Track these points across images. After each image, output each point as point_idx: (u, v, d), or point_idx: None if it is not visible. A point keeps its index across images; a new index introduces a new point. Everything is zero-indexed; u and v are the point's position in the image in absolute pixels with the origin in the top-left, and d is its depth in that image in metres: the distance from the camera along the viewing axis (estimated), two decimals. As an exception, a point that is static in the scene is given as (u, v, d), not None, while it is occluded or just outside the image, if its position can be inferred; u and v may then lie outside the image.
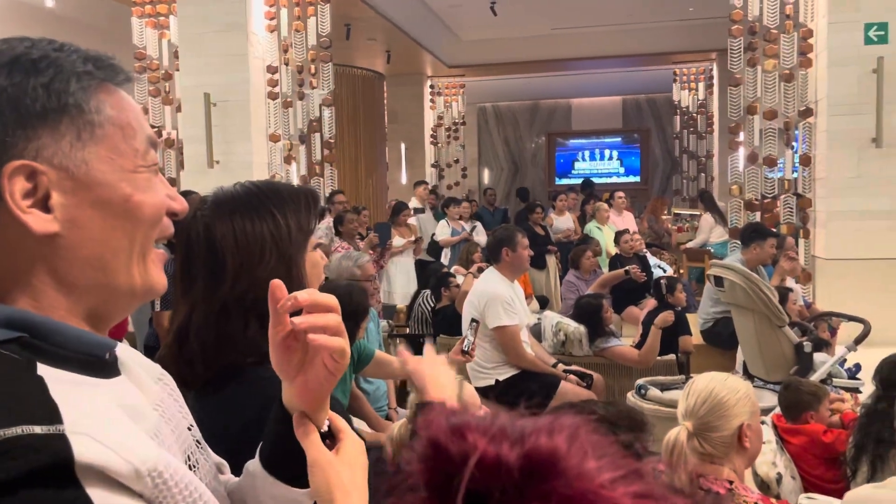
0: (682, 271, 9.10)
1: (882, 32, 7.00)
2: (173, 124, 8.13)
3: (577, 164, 18.05)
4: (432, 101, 14.50)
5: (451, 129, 14.60)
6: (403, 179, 13.50)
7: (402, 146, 13.74)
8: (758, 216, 7.43)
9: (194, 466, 0.78)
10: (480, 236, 8.07)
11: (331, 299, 0.78)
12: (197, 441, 0.84)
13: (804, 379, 3.39)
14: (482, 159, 17.97)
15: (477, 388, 3.33)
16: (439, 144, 14.39)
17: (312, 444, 0.80)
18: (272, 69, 7.82)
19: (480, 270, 5.04)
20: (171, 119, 8.14)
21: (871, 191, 7.08)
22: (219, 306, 1.13)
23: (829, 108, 7.21)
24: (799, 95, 7.46)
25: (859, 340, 3.97)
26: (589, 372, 4.25)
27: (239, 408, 1.09)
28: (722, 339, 5.23)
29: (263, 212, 1.15)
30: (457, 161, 14.64)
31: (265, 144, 7.83)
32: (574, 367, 4.29)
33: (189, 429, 0.82)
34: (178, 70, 7.81)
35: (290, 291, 0.75)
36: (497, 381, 4.08)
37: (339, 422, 0.85)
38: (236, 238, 1.13)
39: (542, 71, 14.41)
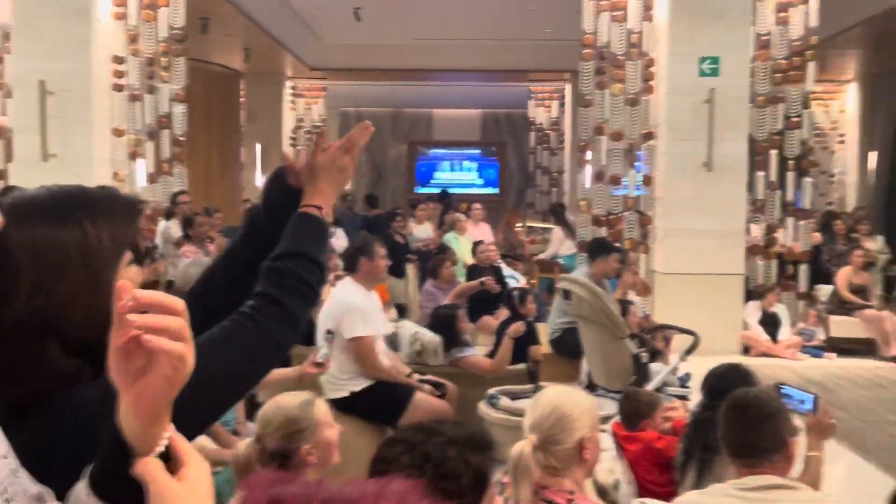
0: (533, 282, 9.45)
1: (714, 66, 7.64)
2: (2, 111, 7.42)
3: (437, 174, 18.32)
4: (292, 102, 14.20)
5: (311, 131, 14.36)
6: (259, 180, 13.09)
7: (258, 147, 13.34)
8: (603, 231, 7.86)
9: (10, 500, 0.71)
10: (340, 241, 7.98)
11: (177, 302, 0.71)
12: (13, 470, 0.76)
13: (641, 389, 3.61)
14: (343, 164, 17.80)
15: (332, 400, 3.27)
16: (298, 147, 14.11)
17: (152, 470, 0.73)
18: (118, 59, 7.34)
19: (338, 279, 4.97)
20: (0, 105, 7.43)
21: (704, 211, 7.69)
22: (9, 326, 0.98)
23: (668, 132, 7.77)
24: (642, 119, 7.97)
25: (689, 351, 4.29)
26: (443, 381, 4.30)
27: (53, 433, 0.99)
28: (569, 348, 5.46)
29: (70, 220, 1.00)
30: (316, 165, 14.39)
31: (108, 139, 7.33)
32: (429, 377, 4.32)
33: (4, 457, 0.75)
34: (9, 53, 7.14)
35: (95, 313, 0.68)
36: (352, 392, 4.03)
37: (183, 442, 0.78)
38: (35, 249, 0.98)
39: (404, 79, 14.53)
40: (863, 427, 5.26)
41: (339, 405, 3.66)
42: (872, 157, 13.71)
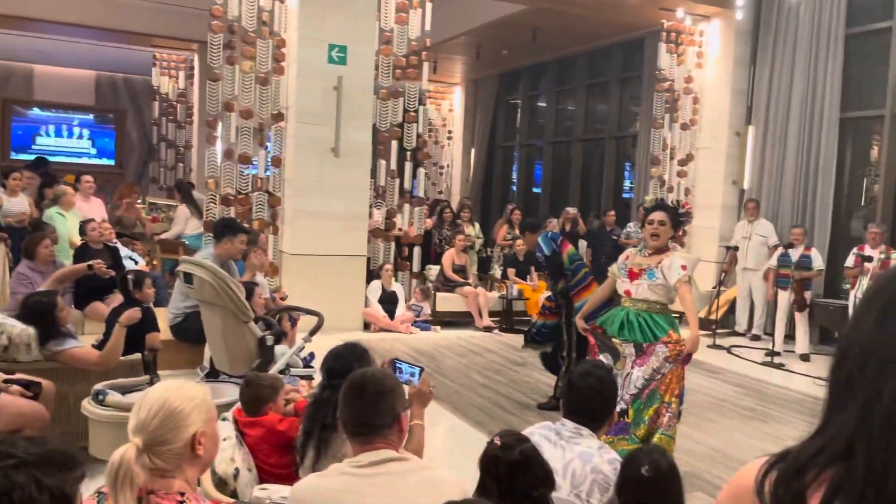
0: (155, 263, 8.80)
1: (343, 55, 7.91)
2: None
3: (38, 139, 15.95)
4: None
5: None
6: None
7: None
8: (232, 211, 7.64)
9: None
10: None
11: None
12: None
13: (263, 373, 3.56)
14: None
15: None
16: None
17: None
18: None
19: None
20: None
21: (329, 194, 7.94)
22: None
23: (297, 115, 7.84)
24: (273, 100, 7.92)
25: (314, 332, 4.37)
26: (37, 380, 3.73)
27: None
28: (191, 334, 5.19)
29: None
30: None
31: None
32: (19, 376, 3.71)
33: None
34: None
35: None
36: None
37: None
38: None
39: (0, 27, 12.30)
40: (460, 391, 5.97)
41: None
42: (473, 154, 15.68)
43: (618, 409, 3.99)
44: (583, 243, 10.34)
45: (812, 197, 8.58)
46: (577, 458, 2.44)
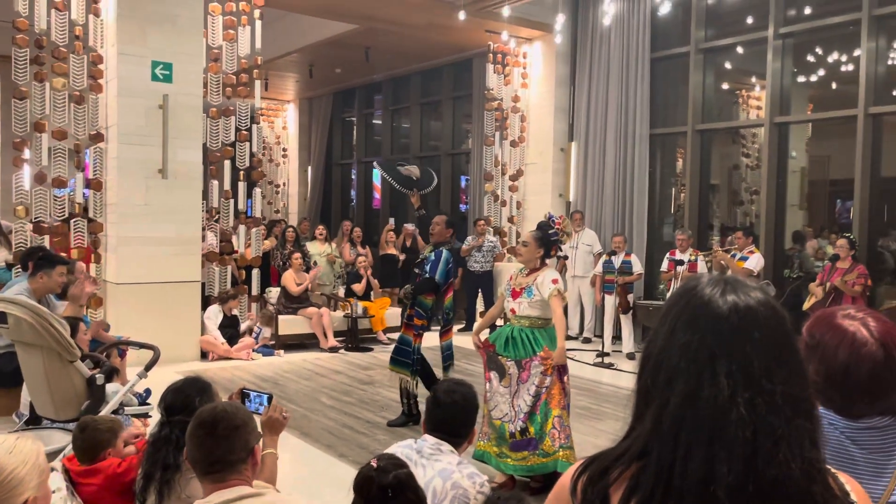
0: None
1: (167, 72, 7.54)
2: None
3: None
4: None
5: None
6: None
7: None
8: (46, 240, 7.03)
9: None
10: None
11: None
12: None
13: (99, 416, 3.30)
14: None
15: None
16: None
17: None
18: None
19: None
20: None
21: (158, 218, 7.52)
22: None
23: (119, 136, 7.37)
24: (90, 119, 7.39)
25: (149, 367, 4.11)
26: None
27: None
28: (4, 377, 4.71)
29: None
30: None
31: None
32: None
33: None
34: None
35: None
36: None
37: None
38: None
39: None
40: (308, 414, 5.87)
41: None
42: (310, 171, 15.49)
43: (518, 428, 4.16)
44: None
45: (629, 207, 9.31)
46: (438, 475, 2.49)
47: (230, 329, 8.02)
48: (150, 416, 4.02)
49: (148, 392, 4.87)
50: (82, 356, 3.97)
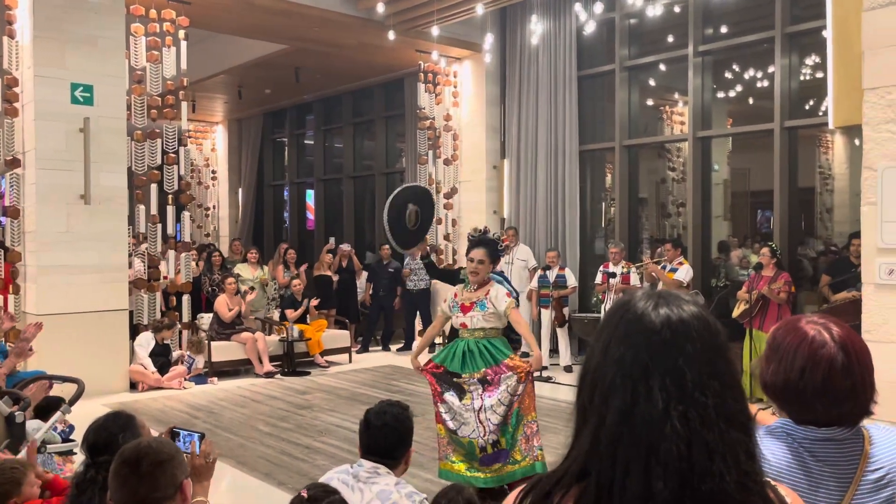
0: None
1: (88, 94, 7.30)
2: None
3: None
4: None
5: None
6: None
7: None
8: (-41, 272, 6.67)
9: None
10: None
11: None
12: None
13: (4, 461, 3.09)
14: None
15: None
16: None
17: None
18: None
19: None
20: None
21: (81, 245, 7.24)
22: None
23: (37, 161, 7.08)
24: (6, 144, 7.08)
25: (74, 400, 3.92)
26: None
27: None
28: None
29: None
30: None
31: None
32: None
33: None
34: None
35: None
36: None
37: None
38: None
39: None
40: (245, 443, 5.70)
41: None
42: (241, 193, 15.20)
43: (489, 441, 4.12)
44: (364, 275, 10.50)
45: (562, 222, 9.45)
46: (376, 497, 2.45)
47: (161, 357, 7.76)
48: (76, 454, 3.83)
49: (71, 428, 4.65)
50: (1, 392, 3.75)
